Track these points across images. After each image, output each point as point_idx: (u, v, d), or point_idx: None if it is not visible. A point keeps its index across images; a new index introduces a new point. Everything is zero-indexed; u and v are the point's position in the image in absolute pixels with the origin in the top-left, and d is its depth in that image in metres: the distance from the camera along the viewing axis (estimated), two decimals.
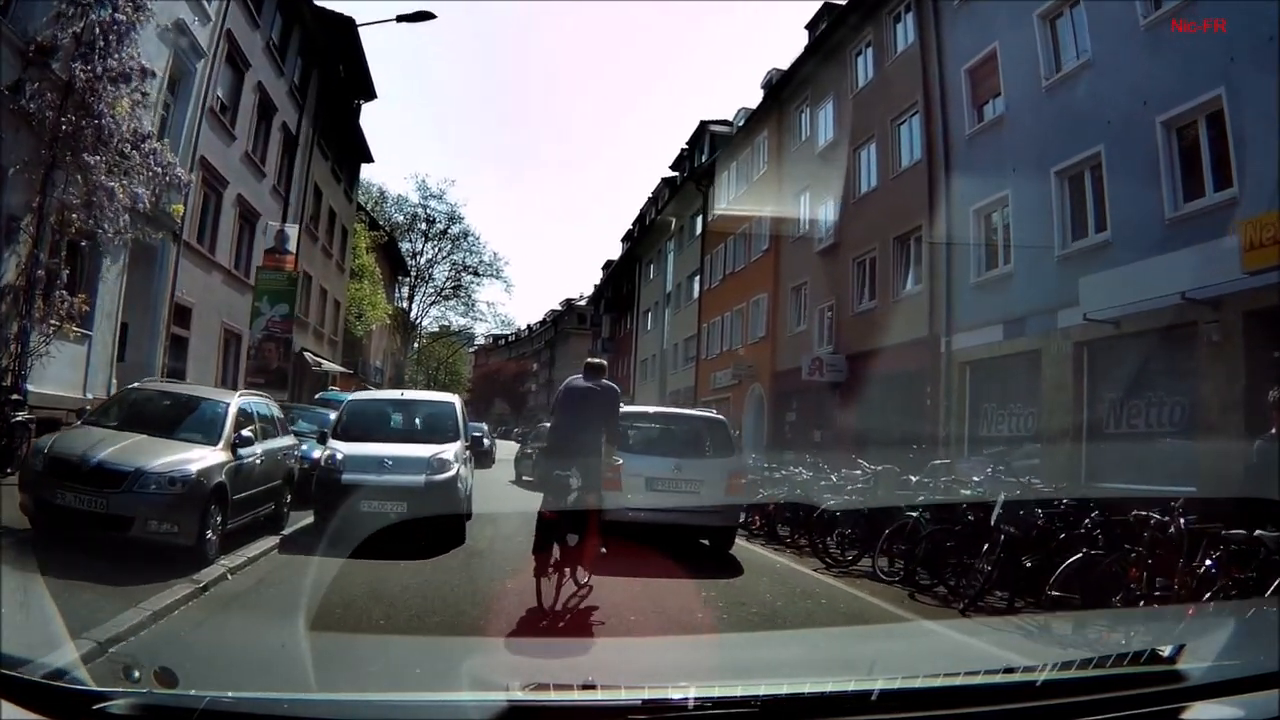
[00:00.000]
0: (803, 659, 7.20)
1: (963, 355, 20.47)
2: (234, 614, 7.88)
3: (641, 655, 7.09)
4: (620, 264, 66.81)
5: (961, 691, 2.99)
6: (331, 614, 7.72)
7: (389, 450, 12.48)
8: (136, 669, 2.85)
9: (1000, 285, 19.47)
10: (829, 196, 28.40)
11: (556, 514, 8.76)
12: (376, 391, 17.83)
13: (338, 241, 38.86)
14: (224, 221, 24.57)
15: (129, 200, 14.53)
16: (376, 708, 2.95)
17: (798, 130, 32.39)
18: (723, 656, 7.22)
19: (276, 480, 12.10)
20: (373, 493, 11.70)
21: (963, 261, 20.69)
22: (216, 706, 2.49)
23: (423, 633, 7.50)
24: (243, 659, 6.13)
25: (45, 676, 2.68)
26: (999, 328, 19.15)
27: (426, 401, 15.56)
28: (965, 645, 8.28)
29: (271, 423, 12.55)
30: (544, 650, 7.10)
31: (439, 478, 12.09)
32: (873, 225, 25.08)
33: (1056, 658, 5.77)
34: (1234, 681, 2.99)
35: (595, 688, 2.91)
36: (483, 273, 70.92)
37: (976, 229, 20.48)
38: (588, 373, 9.68)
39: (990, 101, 20.69)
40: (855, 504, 13.15)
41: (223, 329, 24.70)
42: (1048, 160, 18.05)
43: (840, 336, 26.80)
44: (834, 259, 27.55)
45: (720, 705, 2.72)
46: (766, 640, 8.25)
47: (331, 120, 35.25)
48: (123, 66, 14.42)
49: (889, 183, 24.72)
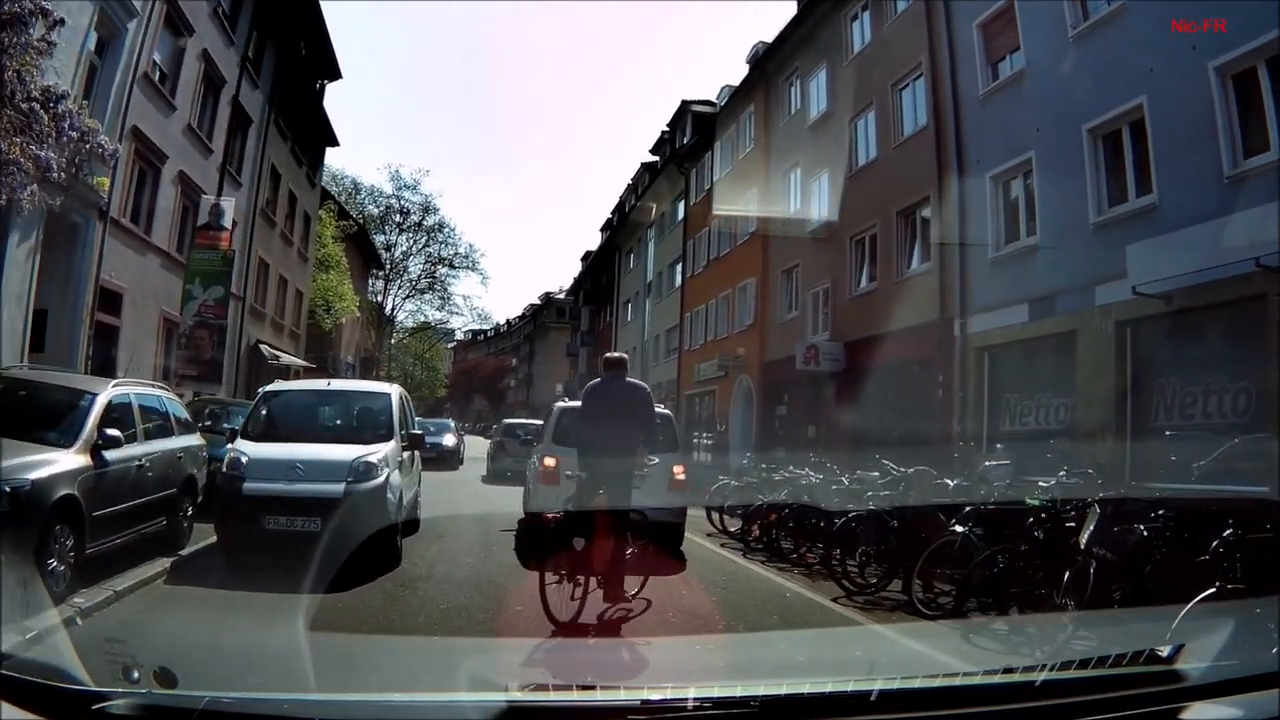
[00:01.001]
0: (802, 659, 7.14)
1: (980, 340, 18.36)
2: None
3: (640, 656, 7.01)
4: (599, 254, 64.76)
5: (961, 692, 2.99)
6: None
7: (304, 453, 10.25)
8: (136, 669, 2.74)
9: (1024, 260, 17.38)
10: (823, 171, 26.29)
11: (559, 517, 8.53)
12: (300, 381, 15.40)
13: (299, 228, 36.52)
14: (163, 199, 22.23)
15: (35, 167, 12.37)
16: (376, 708, 2.91)
17: (787, 103, 30.30)
18: (722, 657, 7.15)
19: (170, 489, 9.92)
20: (279, 505, 9.50)
21: (978, 235, 18.60)
22: (216, 706, 2.50)
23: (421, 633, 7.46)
24: (242, 659, 5.82)
25: (44, 676, 2.62)
26: (1023, 307, 17.07)
27: (358, 393, 12.97)
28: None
29: (166, 419, 10.35)
30: (543, 651, 7.03)
31: (363, 486, 9.86)
32: (873, 200, 22.98)
33: (1056, 658, 5.83)
34: (1233, 681, 2.96)
35: (594, 688, 2.89)
36: (458, 265, 69.51)
37: (994, 198, 18.40)
38: (610, 369, 9.13)
39: (1007, 57, 18.62)
40: (882, 514, 10.80)
41: (162, 318, 22.26)
42: (1078, 117, 16.00)
43: (837, 322, 24.66)
44: (829, 238, 25.43)
45: (719, 705, 2.69)
46: (765, 640, 8.19)
47: (291, 100, 33.14)
48: (16, 7, 12.32)
49: (890, 153, 22.62)
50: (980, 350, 18.36)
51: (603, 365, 9.33)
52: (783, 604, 9.93)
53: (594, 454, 8.79)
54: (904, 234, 21.75)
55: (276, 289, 33.36)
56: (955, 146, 19.62)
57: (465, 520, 14.02)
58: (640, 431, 8.93)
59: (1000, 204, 18.36)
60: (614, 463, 8.66)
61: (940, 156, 20.18)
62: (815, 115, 27.33)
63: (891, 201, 21.97)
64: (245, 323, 28.82)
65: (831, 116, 26.12)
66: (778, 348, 28.41)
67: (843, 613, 9.28)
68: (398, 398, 11.88)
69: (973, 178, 18.97)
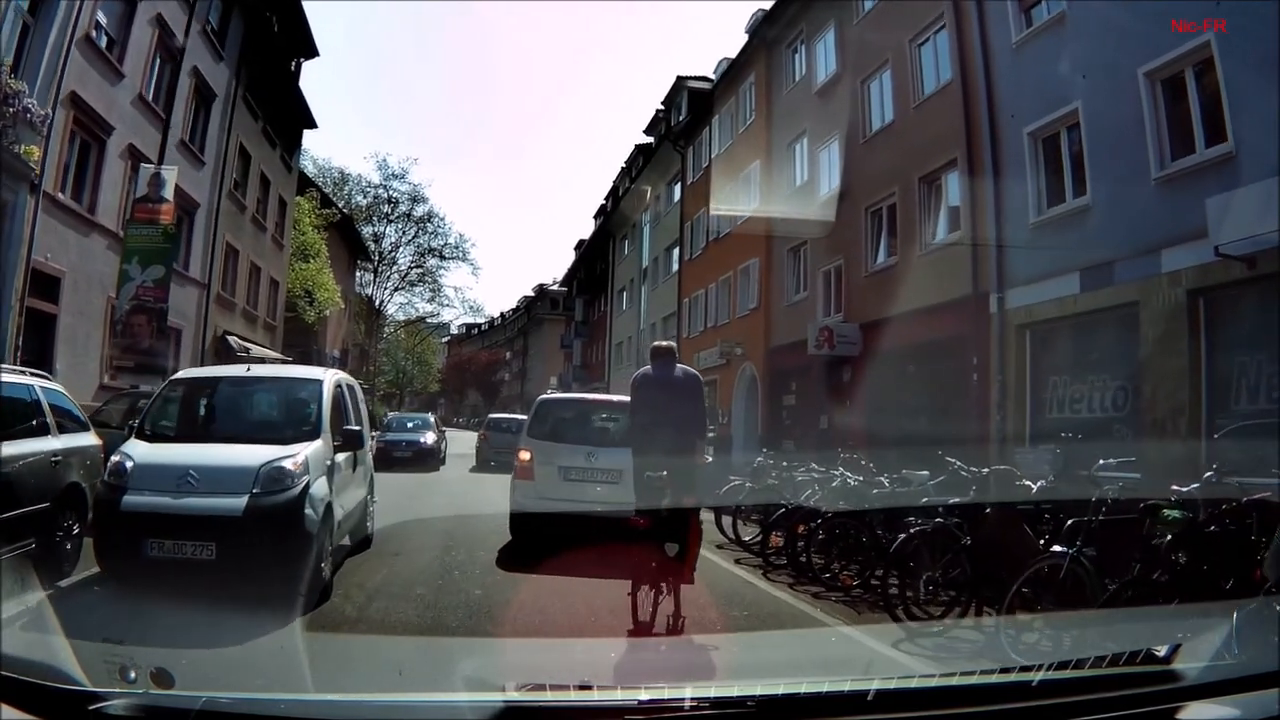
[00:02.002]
0: (800, 659, 7.03)
1: (1021, 315, 16.28)
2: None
3: (638, 655, 6.95)
4: (593, 242, 62.66)
5: (958, 691, 2.98)
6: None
7: (203, 456, 8.03)
8: (133, 669, 2.70)
9: (1072, 223, 15.31)
10: (832, 140, 24.15)
11: (650, 521, 7.85)
12: (215, 368, 12.90)
13: (273, 213, 34.36)
14: (110, 175, 20.17)
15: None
16: (373, 708, 2.92)
17: (790, 71, 28.19)
18: (719, 657, 6.89)
19: (42, 502, 7.83)
20: (164, 526, 7.23)
21: (1016, 198, 16.54)
22: (214, 707, 2.51)
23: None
24: (239, 659, 5.87)
25: (41, 677, 2.59)
26: (1073, 277, 14.99)
27: (281, 380, 10.33)
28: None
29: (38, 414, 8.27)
30: (541, 651, 6.95)
31: (271, 500, 7.57)
32: (890, 166, 20.91)
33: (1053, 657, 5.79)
34: (1230, 681, 2.96)
35: (592, 688, 2.90)
36: (448, 256, 67.68)
37: (1033, 156, 16.32)
38: (659, 358, 8.56)
39: (1042, 1, 16.57)
40: (950, 528, 8.38)
41: (109, 305, 20.13)
42: (1133, 60, 13.92)
43: (851, 302, 22.54)
44: (840, 211, 23.35)
45: (717, 705, 2.68)
46: (763, 640, 7.96)
47: (262, 76, 31.03)
48: None
49: (910, 114, 20.54)
50: (1021, 328, 16.28)
51: (650, 354, 8.72)
52: (825, 656, 7.68)
53: (653, 451, 8.10)
54: (927, 202, 19.67)
55: (248, 277, 31.24)
56: (986, 102, 17.53)
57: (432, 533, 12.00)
58: (691, 425, 8.33)
59: (1041, 162, 16.28)
60: (677, 460, 8.01)
61: (969, 114, 18.11)
62: (823, 80, 25.20)
63: (912, 167, 19.90)
64: (210, 312, 26.92)
65: (841, 80, 24.01)
66: (785, 332, 26.34)
67: (908, 662, 7.01)
68: (331, 386, 9.44)
69: (1007, 135, 16.92)
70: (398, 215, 65.40)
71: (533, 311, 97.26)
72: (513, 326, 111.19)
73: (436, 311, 74.07)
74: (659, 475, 7.88)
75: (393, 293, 69.12)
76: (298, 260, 38.42)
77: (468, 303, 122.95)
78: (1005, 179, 16.90)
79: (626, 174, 53.67)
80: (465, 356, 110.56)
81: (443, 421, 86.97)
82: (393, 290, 68.85)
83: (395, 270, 67.67)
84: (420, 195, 67.29)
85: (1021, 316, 16.20)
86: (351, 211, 60.73)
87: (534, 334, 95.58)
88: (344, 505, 9.07)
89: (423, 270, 67.97)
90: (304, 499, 7.71)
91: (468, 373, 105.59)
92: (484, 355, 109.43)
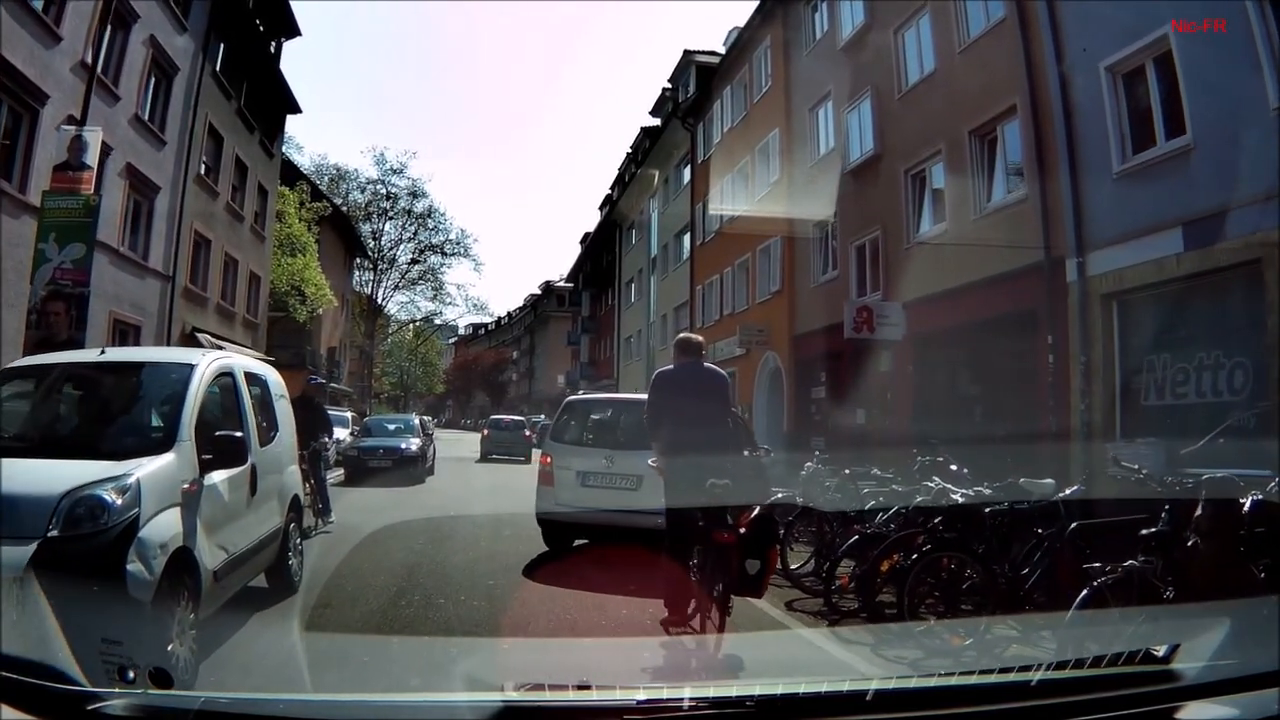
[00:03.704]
0: (799, 659, 6.99)
1: (1107, 282, 13.57)
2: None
3: (637, 655, 6.76)
4: (598, 234, 60.02)
5: (957, 691, 2.95)
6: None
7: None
8: (131, 669, 2.65)
9: (1169, 169, 12.64)
10: (861, 99, 21.48)
11: (733, 537, 6.92)
12: (57, 354, 9.67)
13: (252, 202, 31.74)
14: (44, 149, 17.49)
15: None
16: (372, 708, 2.87)
17: (810, 29, 25.53)
18: (719, 657, 6.72)
19: None
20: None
21: (1094, 144, 13.92)
22: (212, 707, 2.48)
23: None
24: (238, 659, 5.81)
25: (39, 677, 2.54)
26: (1173, 234, 12.31)
27: (135, 367, 7.16)
28: None
29: None
30: (539, 650, 6.84)
31: (77, 547, 4.96)
32: (932, 122, 18.26)
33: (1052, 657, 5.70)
34: (1230, 681, 2.89)
35: (590, 688, 2.85)
36: (449, 251, 65.75)
37: (1112, 94, 13.68)
38: (684, 352, 8.04)
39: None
40: (1146, 573, 5.57)
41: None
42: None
43: (890, 279, 19.83)
44: (874, 176, 20.73)
45: (716, 705, 2.64)
46: (762, 640, 7.64)
47: (237, 55, 28.66)
48: None
49: (954, 61, 17.88)
50: (1108, 297, 13.58)
51: (677, 350, 8.21)
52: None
53: (688, 456, 7.49)
54: (981, 157, 17.00)
55: (221, 270, 28.66)
56: (1050, 36, 14.87)
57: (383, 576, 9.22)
58: (727, 423, 8.09)
59: (1122, 101, 13.64)
60: (720, 465, 7.44)
61: (1029, 53, 15.47)
62: (848, 34, 22.52)
63: (960, 119, 17.24)
64: (176, 307, 24.40)
65: (869, 32, 21.36)
66: (812, 316, 23.69)
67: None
68: (207, 375, 6.60)
69: (1079, 72, 14.28)
70: (397, 211, 64.13)
71: (539, 309, 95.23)
72: (519, 325, 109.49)
73: (439, 310, 72.39)
74: (723, 483, 7.12)
75: (394, 292, 67.53)
76: (284, 255, 35.79)
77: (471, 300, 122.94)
78: (1078, 124, 14.30)
79: (632, 160, 51.09)
80: (471, 357, 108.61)
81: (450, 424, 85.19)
82: (394, 289, 67.28)
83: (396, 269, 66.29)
84: (420, 190, 65.60)
85: (1108, 284, 13.51)
86: (350, 209, 58.94)
87: (541, 332, 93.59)
88: (227, 546, 6.39)
89: (424, 267, 66.66)
90: (127, 545, 5.01)
91: (474, 373, 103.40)
92: (490, 355, 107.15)
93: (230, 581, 6.43)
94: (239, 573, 6.70)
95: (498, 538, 12.58)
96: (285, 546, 7.96)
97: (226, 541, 6.35)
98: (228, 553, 6.35)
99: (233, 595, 6.78)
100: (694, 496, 7.22)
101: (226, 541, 6.35)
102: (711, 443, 7.52)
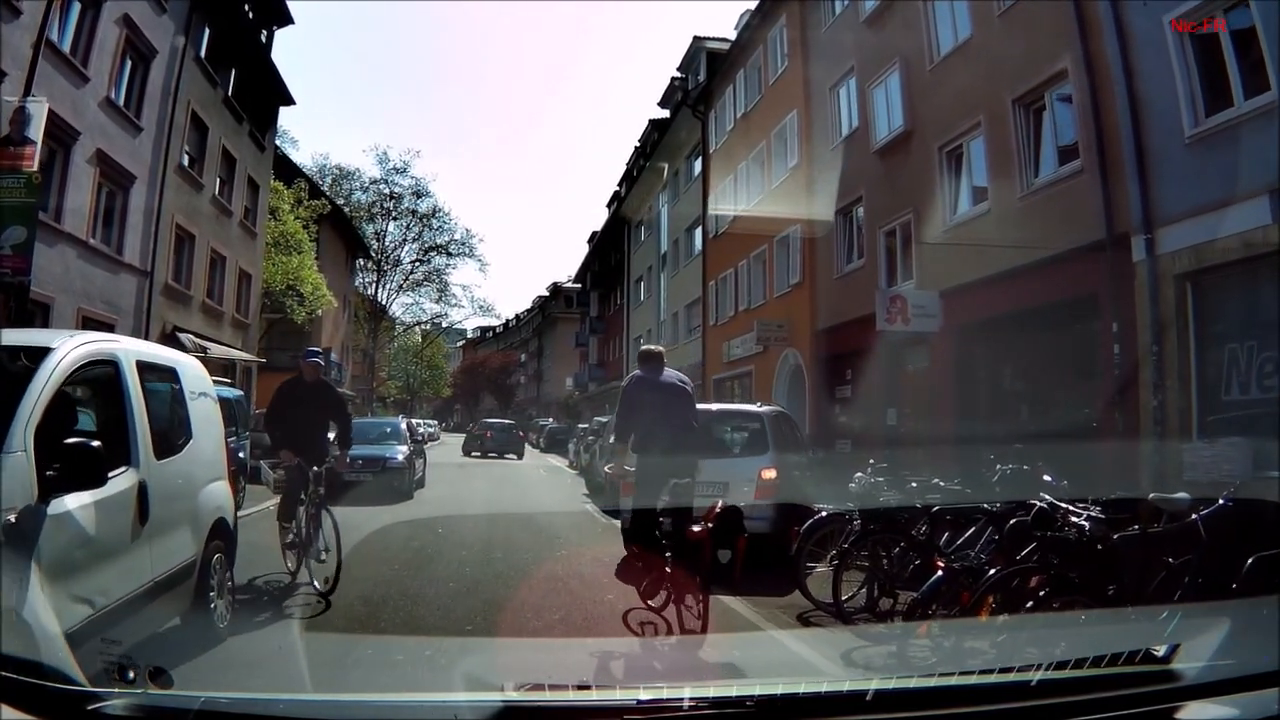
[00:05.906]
0: (799, 659, 6.82)
1: (1181, 262, 11.93)
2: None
3: (637, 655, 6.79)
4: (606, 232, 58.52)
5: (957, 691, 2.92)
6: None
7: None
8: (131, 669, 2.60)
9: (1253, 131, 10.99)
10: (888, 73, 19.88)
11: (704, 531, 7.39)
12: None
13: (242, 196, 30.30)
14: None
15: None
16: (372, 708, 2.87)
17: (829, 3, 23.91)
18: (719, 657, 6.78)
19: None
20: None
21: (1160, 107, 12.33)
22: (212, 706, 2.44)
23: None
24: (238, 659, 5.75)
25: (40, 677, 2.56)
26: (1259, 203, 10.65)
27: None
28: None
29: None
30: (540, 650, 6.74)
31: None
32: (969, 93, 16.67)
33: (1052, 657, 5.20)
34: (1229, 681, 2.88)
35: (590, 688, 2.99)
36: (454, 252, 64.67)
37: (1179, 50, 12.08)
38: (650, 362, 8.29)
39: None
40: None
41: None
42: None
43: (924, 266, 18.22)
44: (904, 155, 19.14)
45: (715, 705, 2.62)
46: (762, 640, 7.57)
47: (225, 41, 27.33)
48: None
49: (994, 25, 16.25)
50: (1182, 278, 11.95)
51: (640, 360, 8.43)
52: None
53: (664, 457, 7.78)
54: (1027, 128, 15.36)
55: (207, 267, 27.23)
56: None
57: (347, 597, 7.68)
58: (693, 429, 8.22)
59: (1192, 57, 12.04)
60: (688, 464, 7.88)
61: (1080, 10, 13.89)
62: (872, 5, 20.95)
63: (1003, 88, 15.61)
64: (155, 305, 22.99)
65: (895, 1, 19.80)
66: (836, 309, 22.09)
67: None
68: (62, 362, 4.84)
69: (1140, 27, 12.69)
70: (401, 211, 63.26)
71: (547, 311, 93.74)
72: (527, 328, 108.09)
73: (444, 312, 71.10)
74: (684, 482, 7.68)
75: (398, 293, 66.39)
76: (279, 253, 34.26)
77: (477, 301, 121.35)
78: (1140, 86, 12.71)
79: (641, 154, 49.54)
80: (477, 359, 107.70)
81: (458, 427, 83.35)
82: (398, 290, 66.05)
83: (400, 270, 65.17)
84: (423, 189, 64.89)
85: (1182, 262, 11.87)
86: (353, 209, 57.78)
87: (549, 335, 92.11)
88: (93, 597, 4.67)
89: (429, 268, 65.64)
90: None
91: (481, 377, 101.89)
92: (498, 358, 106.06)
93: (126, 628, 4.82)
94: (123, 627, 4.91)
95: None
96: (204, 585, 6.30)
97: (92, 590, 4.69)
98: (93, 606, 4.67)
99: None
100: (669, 496, 7.63)
101: (92, 590, 4.69)
102: (686, 443, 7.88)
